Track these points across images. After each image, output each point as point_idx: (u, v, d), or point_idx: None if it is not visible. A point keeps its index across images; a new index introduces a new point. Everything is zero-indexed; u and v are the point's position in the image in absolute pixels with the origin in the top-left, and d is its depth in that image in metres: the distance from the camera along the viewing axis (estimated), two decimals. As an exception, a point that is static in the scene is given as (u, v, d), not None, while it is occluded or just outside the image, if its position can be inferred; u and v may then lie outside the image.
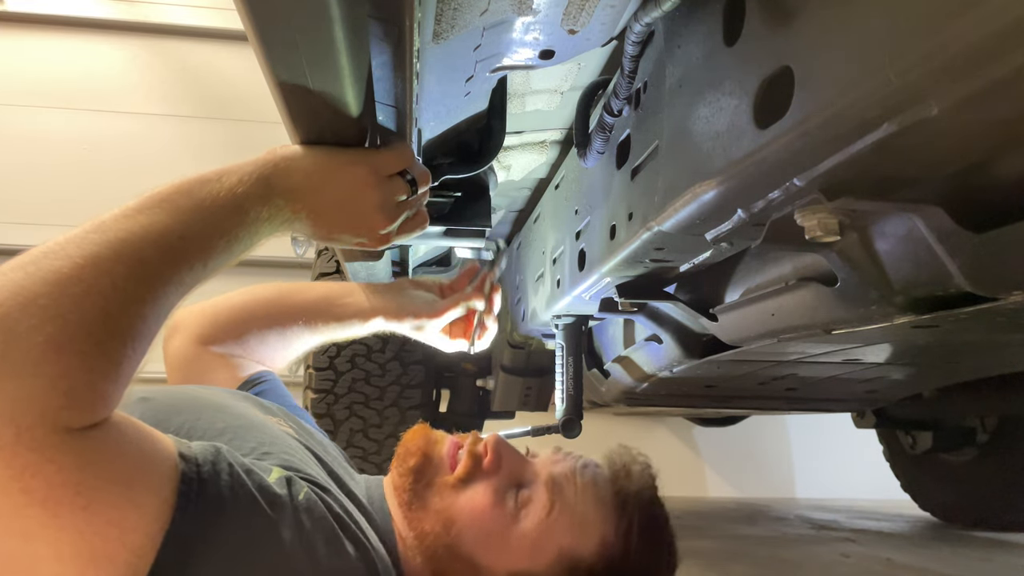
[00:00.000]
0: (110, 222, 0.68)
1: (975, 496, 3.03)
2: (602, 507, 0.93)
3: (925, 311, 0.93)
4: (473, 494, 0.92)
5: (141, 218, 0.69)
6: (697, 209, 0.93)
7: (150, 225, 0.68)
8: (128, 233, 0.67)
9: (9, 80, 4.52)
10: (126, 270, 0.64)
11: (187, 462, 0.69)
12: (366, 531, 0.83)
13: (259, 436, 0.86)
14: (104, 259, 0.63)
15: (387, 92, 0.85)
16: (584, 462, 0.98)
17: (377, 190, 0.86)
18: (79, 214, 1.82)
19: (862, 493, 4.55)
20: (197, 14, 4.72)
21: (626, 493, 0.94)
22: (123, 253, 0.65)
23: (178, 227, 0.70)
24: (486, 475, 0.93)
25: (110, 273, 0.63)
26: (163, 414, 0.86)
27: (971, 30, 0.53)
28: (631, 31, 0.96)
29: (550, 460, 0.98)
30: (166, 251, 0.68)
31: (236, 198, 0.74)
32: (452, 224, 1.28)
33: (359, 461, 2.59)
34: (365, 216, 0.87)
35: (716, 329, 1.38)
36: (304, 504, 0.75)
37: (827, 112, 0.67)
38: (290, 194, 0.79)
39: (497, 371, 2.61)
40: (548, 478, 0.94)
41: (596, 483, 0.95)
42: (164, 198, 0.72)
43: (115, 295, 0.62)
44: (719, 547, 2.64)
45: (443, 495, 0.92)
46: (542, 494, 0.92)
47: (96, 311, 0.61)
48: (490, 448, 0.95)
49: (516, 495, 0.92)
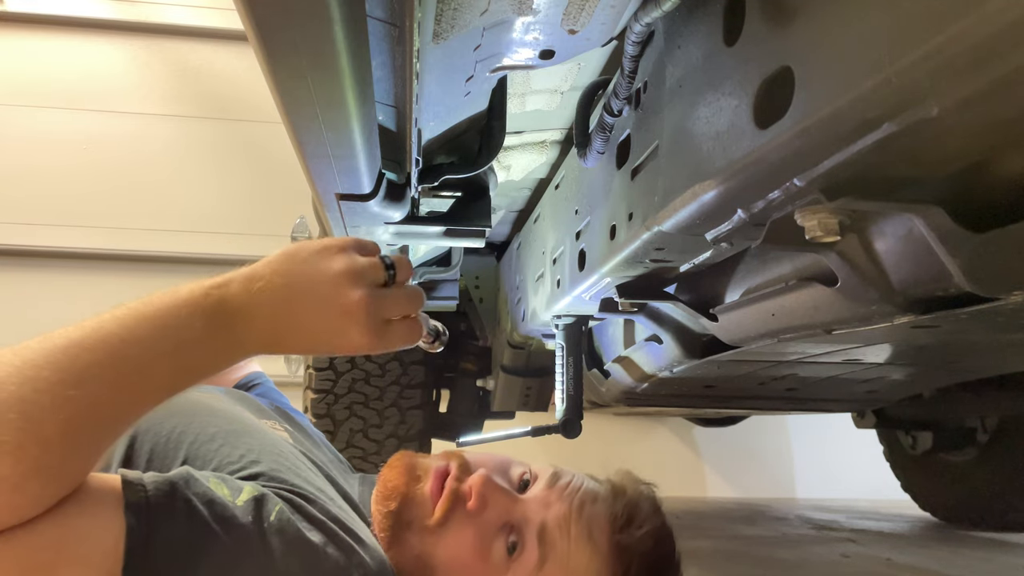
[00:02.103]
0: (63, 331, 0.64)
1: (975, 496, 3.03)
2: (598, 558, 0.87)
3: (925, 311, 0.93)
4: (454, 539, 0.85)
5: (86, 323, 0.64)
6: (697, 209, 0.93)
7: (92, 329, 0.64)
8: (65, 338, 0.62)
9: (9, 80, 4.52)
10: (52, 375, 0.60)
11: (136, 512, 0.66)
12: (359, 533, 0.81)
13: (249, 442, 0.84)
14: (30, 364, 0.60)
15: (387, 92, 0.85)
16: (581, 501, 0.90)
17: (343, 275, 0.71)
18: (79, 214, 1.84)
19: (862, 493, 4.55)
20: (197, 14, 4.72)
21: (625, 543, 0.88)
22: (53, 358, 0.61)
23: (120, 331, 0.64)
24: (469, 516, 0.86)
25: (34, 380, 0.59)
26: (157, 417, 0.84)
27: (971, 30, 0.53)
28: (631, 31, 0.96)
29: (544, 500, 0.89)
30: (107, 354, 0.63)
31: (186, 304, 0.67)
32: (452, 224, 1.28)
33: (359, 461, 2.59)
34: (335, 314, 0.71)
35: (716, 329, 1.38)
36: (276, 525, 0.72)
37: (827, 112, 0.67)
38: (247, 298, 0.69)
39: (497, 371, 2.61)
40: (540, 528, 0.87)
41: (592, 532, 0.88)
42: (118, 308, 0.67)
43: (37, 399, 0.59)
44: (719, 547, 2.64)
45: (423, 538, 0.86)
46: (533, 546, 0.85)
47: (15, 416, 0.58)
48: (475, 491, 0.86)
49: (505, 540, 0.86)
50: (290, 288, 0.70)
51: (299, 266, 0.71)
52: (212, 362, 0.69)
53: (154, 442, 0.82)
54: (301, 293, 0.70)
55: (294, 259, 0.71)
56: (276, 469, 0.80)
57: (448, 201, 1.27)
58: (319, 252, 0.72)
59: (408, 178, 1.07)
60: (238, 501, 0.72)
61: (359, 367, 2.62)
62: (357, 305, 0.70)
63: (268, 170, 4.42)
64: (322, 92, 0.72)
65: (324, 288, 0.70)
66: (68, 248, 4.42)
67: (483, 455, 0.96)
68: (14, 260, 4.41)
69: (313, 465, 0.91)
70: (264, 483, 0.77)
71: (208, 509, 0.70)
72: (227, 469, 0.79)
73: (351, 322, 0.71)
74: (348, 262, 0.71)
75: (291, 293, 0.69)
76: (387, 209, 1.07)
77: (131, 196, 4.52)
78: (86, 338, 0.62)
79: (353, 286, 0.71)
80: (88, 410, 0.61)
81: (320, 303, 0.70)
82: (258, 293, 0.69)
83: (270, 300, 0.69)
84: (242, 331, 0.69)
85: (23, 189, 4.43)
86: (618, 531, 0.88)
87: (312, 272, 0.70)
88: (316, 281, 0.70)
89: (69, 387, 0.60)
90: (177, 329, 0.66)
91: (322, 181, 0.95)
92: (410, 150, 0.99)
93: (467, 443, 2.13)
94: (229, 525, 0.70)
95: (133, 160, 4.56)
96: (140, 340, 0.64)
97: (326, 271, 0.70)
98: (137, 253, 4.42)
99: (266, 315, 0.69)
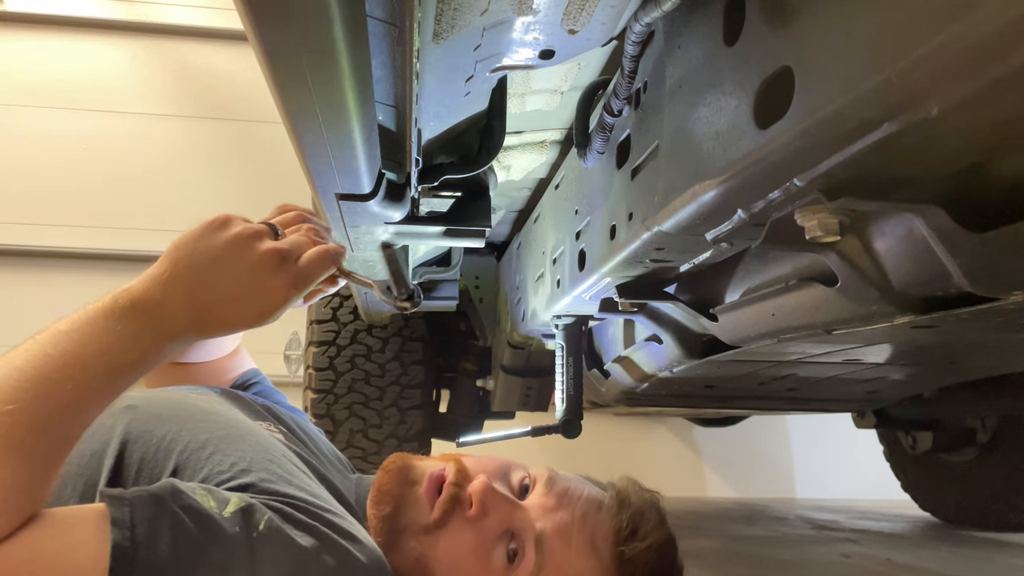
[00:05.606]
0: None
1: (975, 496, 3.03)
2: (600, 568, 0.86)
3: (925, 311, 0.93)
4: (453, 541, 0.84)
5: (14, 351, 0.69)
6: (697, 209, 0.93)
7: (21, 351, 0.68)
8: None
9: (9, 80, 4.52)
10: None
11: (120, 527, 0.66)
12: (355, 535, 0.80)
13: (241, 449, 0.83)
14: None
15: (387, 92, 0.85)
16: (584, 510, 0.89)
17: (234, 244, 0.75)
18: (79, 214, 1.84)
19: (862, 493, 4.55)
20: (197, 14, 4.72)
21: (629, 555, 0.87)
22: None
23: (44, 347, 0.68)
24: (469, 521, 0.85)
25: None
26: (148, 424, 0.84)
27: (971, 30, 0.53)
28: (631, 31, 0.96)
29: (543, 508, 0.88)
30: (35, 369, 0.67)
31: (101, 313, 0.71)
32: (452, 224, 1.28)
33: (359, 461, 2.59)
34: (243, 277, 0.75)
35: (716, 329, 1.38)
36: (264, 535, 0.72)
37: (827, 112, 0.67)
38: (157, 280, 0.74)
39: (497, 371, 2.61)
40: (539, 536, 0.85)
41: (595, 542, 0.87)
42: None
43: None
44: (719, 547, 2.64)
45: (420, 539, 0.85)
46: (531, 553, 0.85)
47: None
48: (475, 500, 0.85)
49: (505, 547, 0.85)
50: (196, 268, 0.73)
51: (196, 245, 0.75)
52: (143, 357, 0.72)
53: (144, 450, 0.82)
54: (209, 266, 0.74)
55: (187, 243, 0.75)
56: (267, 479, 0.79)
57: (448, 201, 1.27)
58: (207, 231, 0.76)
59: (408, 178, 1.07)
60: (225, 513, 0.72)
61: (359, 367, 2.62)
62: (265, 255, 0.75)
63: (268, 170, 4.42)
64: (322, 92, 0.72)
65: (229, 254, 0.74)
66: (68, 248, 4.42)
67: (483, 458, 0.95)
68: (14, 260, 4.41)
69: (307, 467, 0.90)
70: (254, 494, 0.76)
71: (194, 522, 0.69)
72: (217, 479, 0.78)
73: (266, 273, 0.75)
74: (238, 228, 0.76)
75: (199, 271, 0.73)
76: (387, 209, 1.07)
77: (131, 196, 4.52)
78: (14, 359, 0.67)
79: (253, 242, 0.76)
80: (28, 422, 0.64)
81: (230, 268, 0.74)
82: (169, 282, 0.72)
83: (184, 283, 0.73)
84: (166, 320, 0.72)
85: (23, 189, 4.43)
86: (622, 543, 0.87)
87: (212, 246, 0.75)
88: (219, 252, 0.74)
89: (5, 403, 0.63)
90: (98, 335, 0.69)
91: (322, 181, 0.95)
92: (410, 150, 0.99)
93: (467, 443, 2.13)
94: (215, 537, 0.69)
95: (133, 160, 4.56)
96: (65, 351, 0.67)
97: (223, 240, 0.75)
98: (137, 253, 4.41)
99: (183, 298, 0.72)
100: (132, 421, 0.84)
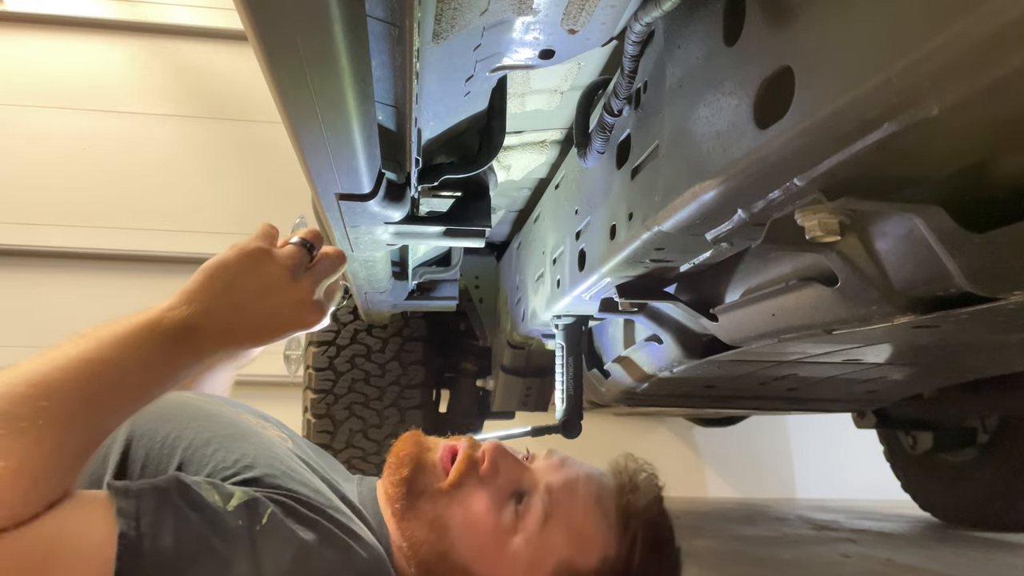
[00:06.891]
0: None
1: (975, 496, 3.03)
2: (605, 522, 0.90)
3: (925, 311, 0.93)
4: (468, 501, 0.89)
5: (57, 348, 0.72)
6: (697, 209, 0.93)
7: (64, 351, 0.71)
8: (39, 360, 0.70)
9: (9, 80, 4.52)
10: (26, 390, 0.67)
11: (126, 518, 0.69)
12: (357, 531, 0.82)
13: (244, 447, 0.85)
14: (3, 382, 0.67)
15: (387, 92, 0.85)
16: (588, 472, 0.95)
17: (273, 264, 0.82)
18: (79, 214, 1.85)
19: (862, 493, 4.55)
20: (197, 14, 4.72)
21: (631, 509, 0.91)
22: (26, 376, 0.68)
23: (88, 353, 0.72)
24: (482, 482, 0.91)
25: (9, 394, 0.66)
26: (152, 423, 0.85)
27: (971, 30, 0.53)
28: (631, 31, 0.96)
29: (549, 466, 0.95)
30: (78, 371, 0.70)
31: (145, 328, 0.75)
32: (452, 224, 1.28)
33: (359, 461, 2.59)
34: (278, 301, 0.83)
35: (716, 329, 1.38)
36: (267, 528, 0.74)
37: (827, 112, 0.67)
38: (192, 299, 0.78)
39: (497, 371, 2.61)
40: (545, 487, 0.91)
41: (600, 496, 0.92)
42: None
43: (9, 409, 0.65)
44: (719, 547, 2.64)
45: (436, 501, 0.90)
46: (539, 504, 0.90)
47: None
48: (487, 455, 0.93)
49: (515, 504, 0.90)
50: (236, 307, 0.79)
51: (235, 279, 0.79)
52: (177, 373, 0.77)
53: (149, 447, 0.83)
54: (248, 306, 0.79)
55: (226, 272, 0.79)
56: (271, 474, 0.81)
57: (448, 201, 1.27)
58: (245, 265, 0.80)
59: (408, 178, 1.07)
60: (229, 506, 0.73)
61: (359, 367, 2.62)
62: (306, 293, 0.82)
63: (268, 170, 4.42)
64: (322, 92, 0.72)
65: (271, 290, 0.80)
66: (68, 248, 4.42)
67: (488, 439, 1.02)
68: (14, 260, 4.41)
69: (309, 468, 0.91)
70: (258, 488, 0.78)
71: (198, 515, 0.71)
72: (222, 474, 0.80)
73: (303, 309, 0.83)
74: (279, 262, 0.81)
75: (239, 310, 0.79)
76: (387, 209, 1.07)
77: (131, 196, 4.52)
78: (57, 358, 0.70)
79: (293, 280, 0.82)
80: (62, 418, 0.67)
81: (271, 304, 0.80)
82: (206, 314, 0.77)
83: (223, 317, 0.78)
84: (200, 342, 0.77)
85: (23, 189, 4.43)
86: (626, 495, 0.93)
87: (252, 284, 0.80)
88: (258, 291, 0.79)
89: (40, 399, 0.66)
90: (139, 349, 0.73)
91: (322, 181, 0.95)
92: (410, 150, 0.99)
93: (467, 443, 2.13)
94: (219, 530, 0.71)
95: (133, 160, 4.56)
96: (108, 359, 0.72)
97: (265, 277, 0.80)
98: (137, 253, 4.42)
99: (220, 327, 0.78)
100: (137, 419, 0.85)
